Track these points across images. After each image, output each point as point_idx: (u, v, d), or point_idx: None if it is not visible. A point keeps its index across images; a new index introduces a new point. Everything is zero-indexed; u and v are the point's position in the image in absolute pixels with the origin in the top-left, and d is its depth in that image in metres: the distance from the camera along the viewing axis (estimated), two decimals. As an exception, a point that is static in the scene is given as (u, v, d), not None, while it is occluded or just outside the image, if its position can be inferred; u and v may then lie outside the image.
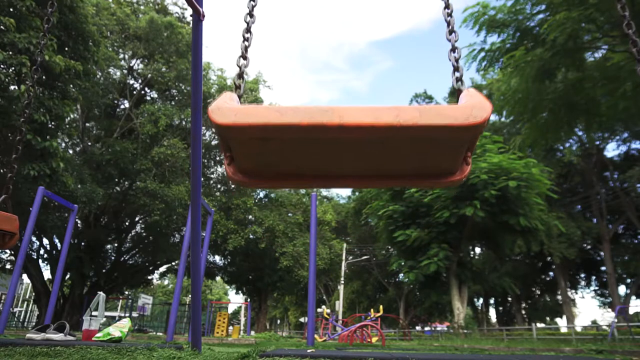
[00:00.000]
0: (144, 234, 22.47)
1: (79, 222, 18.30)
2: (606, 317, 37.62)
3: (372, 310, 14.30)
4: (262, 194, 26.09)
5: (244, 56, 1.25)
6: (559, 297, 30.63)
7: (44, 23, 2.49)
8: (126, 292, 28.40)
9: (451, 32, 1.26)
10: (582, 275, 31.93)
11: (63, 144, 17.25)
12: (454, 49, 1.20)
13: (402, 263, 19.39)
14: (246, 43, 1.30)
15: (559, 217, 20.50)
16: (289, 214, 24.70)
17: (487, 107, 0.79)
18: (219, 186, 23.74)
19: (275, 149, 0.84)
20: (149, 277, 28.08)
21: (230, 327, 17.28)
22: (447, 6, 1.33)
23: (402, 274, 26.71)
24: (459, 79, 1.11)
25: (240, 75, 1.20)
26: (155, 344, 3.01)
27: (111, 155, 17.18)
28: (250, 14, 1.37)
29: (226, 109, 0.79)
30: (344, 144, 0.82)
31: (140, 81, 20.08)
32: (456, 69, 1.15)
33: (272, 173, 0.94)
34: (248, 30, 1.33)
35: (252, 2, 1.38)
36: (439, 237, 16.59)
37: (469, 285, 18.58)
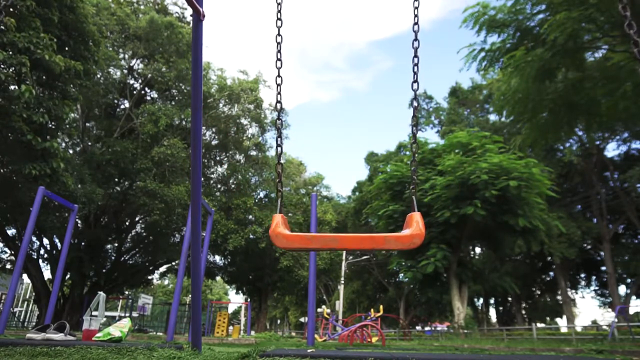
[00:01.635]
0: (144, 234, 22.47)
1: (79, 222, 18.30)
2: (606, 317, 37.59)
3: (372, 310, 14.30)
4: (262, 194, 26.12)
5: (279, 180, 1.88)
6: (559, 297, 30.62)
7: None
8: (126, 292, 28.40)
9: (413, 170, 1.75)
10: (582, 275, 31.91)
11: (63, 144, 17.25)
12: (413, 175, 1.76)
13: (402, 263, 19.40)
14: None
15: (559, 217, 20.49)
16: (289, 214, 24.71)
17: (422, 235, 1.45)
18: (219, 186, 23.75)
19: (304, 249, 1.57)
20: (149, 277, 28.08)
21: (231, 327, 17.29)
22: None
23: (402, 274, 26.71)
24: (414, 188, 1.71)
25: (280, 194, 1.81)
26: (155, 344, 3.01)
27: (111, 155, 17.18)
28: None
29: (281, 236, 1.51)
30: (343, 248, 1.52)
31: (140, 81, 20.08)
32: (413, 182, 1.73)
33: (301, 250, 1.87)
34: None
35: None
36: (439, 237, 16.59)
37: (469, 285, 18.59)
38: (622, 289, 28.12)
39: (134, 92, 19.85)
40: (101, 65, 14.50)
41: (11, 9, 9.87)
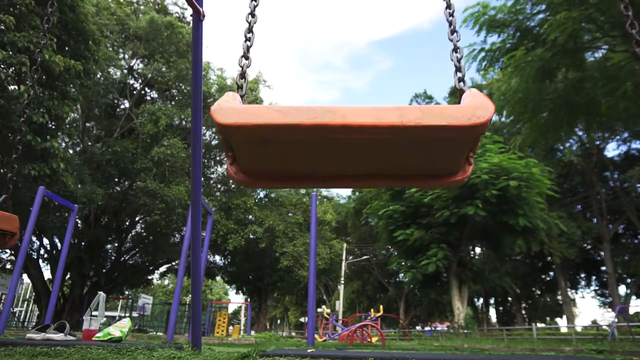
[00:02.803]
0: (144, 234, 22.47)
1: (79, 222, 18.30)
2: (606, 317, 37.62)
3: (372, 310, 14.30)
4: (262, 194, 26.09)
5: (245, 56, 1.25)
6: (559, 297, 30.61)
7: (44, 23, 2.48)
8: (126, 292, 28.40)
9: (453, 32, 1.26)
10: (582, 275, 31.91)
11: (63, 144, 17.24)
12: (456, 49, 1.21)
13: (402, 263, 19.39)
14: (248, 43, 1.29)
15: (559, 217, 20.49)
16: (289, 214, 24.70)
17: (490, 107, 0.80)
18: (219, 186, 23.74)
19: (277, 149, 0.84)
20: (149, 277, 28.07)
21: (231, 327, 17.28)
22: (448, 6, 1.32)
23: (402, 274, 26.71)
24: (461, 79, 1.12)
25: (242, 75, 1.19)
26: (155, 343, 3.01)
27: (111, 155, 17.17)
28: (252, 14, 1.37)
29: (229, 108, 0.79)
30: (347, 145, 0.82)
31: (140, 81, 20.08)
32: (458, 69, 1.16)
33: (274, 173, 0.94)
34: (250, 30, 1.33)
35: (253, 2, 1.38)
36: (439, 237, 16.59)
37: (469, 285, 18.58)
38: (622, 289, 28.14)
39: (134, 92, 19.84)
40: (101, 65, 14.50)
41: (11, 9, 9.87)
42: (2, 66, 9.56)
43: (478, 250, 28.18)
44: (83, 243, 18.85)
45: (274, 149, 0.84)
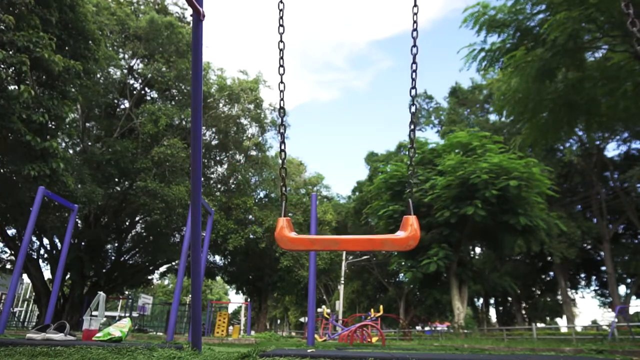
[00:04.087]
0: (144, 234, 22.47)
1: (79, 222, 18.30)
2: (606, 317, 37.61)
3: (372, 310, 14.30)
4: (262, 194, 26.11)
5: (283, 185, 1.93)
6: (559, 297, 30.61)
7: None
8: (126, 292, 28.40)
9: (411, 174, 1.85)
10: (582, 275, 31.91)
11: (63, 144, 17.25)
12: (411, 176, 1.89)
13: (402, 263, 19.38)
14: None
15: (559, 217, 20.50)
16: (289, 214, 24.69)
17: (417, 237, 1.56)
18: (219, 186, 23.75)
19: (307, 250, 1.66)
20: (149, 277, 28.08)
21: (231, 327, 17.29)
22: (410, 163, 1.77)
23: (402, 274, 26.71)
24: (411, 192, 1.77)
25: (283, 194, 1.89)
26: (155, 343, 3.01)
27: (111, 155, 17.17)
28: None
29: (285, 239, 1.59)
30: (344, 249, 1.65)
31: (140, 81, 20.08)
32: (409, 183, 1.87)
33: (304, 247, 1.67)
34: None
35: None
36: (440, 237, 16.59)
37: (469, 285, 18.59)
38: (622, 289, 28.14)
39: (134, 92, 19.85)
40: (101, 64, 14.51)
41: (10, 8, 9.87)
42: (2, 66, 9.56)
43: (478, 250, 28.20)
44: (83, 243, 18.86)
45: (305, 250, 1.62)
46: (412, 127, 1.62)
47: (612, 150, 68.36)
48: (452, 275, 17.62)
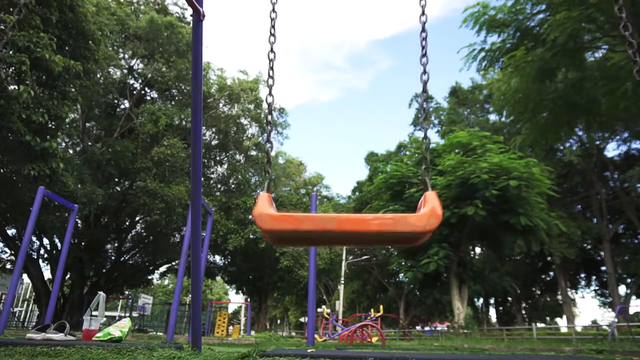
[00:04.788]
0: (144, 234, 22.47)
1: (79, 222, 18.30)
2: (606, 317, 37.62)
3: (372, 310, 14.29)
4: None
5: (269, 140, 1.53)
6: (559, 297, 30.60)
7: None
8: (126, 292, 28.40)
9: (425, 119, 1.50)
10: (582, 275, 31.90)
11: (63, 144, 17.24)
12: (427, 148, 1.49)
13: (402, 263, 19.38)
14: (269, 127, 1.56)
15: (559, 217, 20.49)
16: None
17: (439, 215, 1.19)
18: (219, 186, 23.74)
19: (298, 236, 1.23)
20: (149, 277, 28.08)
21: (231, 327, 17.29)
22: (426, 117, 1.53)
23: (402, 274, 26.70)
24: (427, 169, 1.41)
25: (269, 160, 1.48)
26: (155, 343, 3.01)
27: (111, 155, 17.17)
28: (270, 111, 1.57)
29: (266, 217, 1.19)
30: (343, 236, 1.20)
31: (140, 81, 20.08)
32: (425, 159, 1.44)
33: (295, 241, 1.35)
34: (268, 122, 1.58)
35: (270, 97, 1.57)
36: (440, 237, 16.59)
37: (469, 285, 18.59)
38: (622, 289, 28.13)
39: (134, 92, 19.85)
40: (101, 64, 14.51)
41: (11, 8, 9.87)
42: (2, 66, 9.56)
43: (478, 250, 28.19)
44: (83, 243, 18.85)
45: (294, 236, 1.23)
46: (425, 96, 1.53)
47: (612, 150, 68.38)
48: (452, 275, 17.62)
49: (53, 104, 10.69)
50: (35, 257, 18.73)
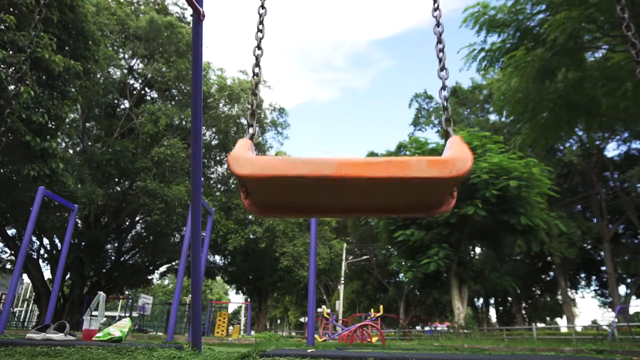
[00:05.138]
0: (144, 234, 22.47)
1: (79, 222, 18.30)
2: (606, 317, 37.60)
3: (372, 310, 14.29)
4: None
5: (254, 93, 1.32)
6: (559, 297, 30.61)
7: (35, 14, 2.46)
8: (126, 292, 28.40)
9: (442, 69, 1.26)
10: (582, 275, 31.92)
11: (63, 144, 17.24)
12: (444, 87, 1.24)
13: (402, 263, 19.38)
14: (256, 78, 1.34)
15: (559, 217, 20.50)
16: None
17: (469, 158, 0.92)
18: (219, 186, 23.75)
19: (285, 190, 0.96)
20: (149, 277, 28.08)
21: (231, 327, 17.28)
22: (439, 41, 1.31)
23: (402, 274, 26.71)
24: (448, 120, 1.17)
25: (253, 114, 1.23)
26: (155, 343, 3.01)
27: (111, 155, 17.17)
28: (259, 46, 1.38)
29: (244, 160, 0.90)
30: (345, 188, 0.92)
31: (140, 81, 20.08)
32: (445, 108, 1.20)
33: (283, 207, 1.06)
34: (257, 64, 1.36)
35: (259, 34, 1.37)
36: (440, 237, 16.60)
37: (469, 285, 18.60)
38: (622, 289, 28.14)
39: (134, 92, 19.85)
40: (101, 64, 14.50)
41: (11, 8, 9.87)
42: (2, 66, 9.56)
43: (478, 250, 28.20)
44: (83, 243, 18.85)
45: (282, 190, 0.96)
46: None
47: (612, 150, 68.42)
48: (452, 275, 17.63)
49: (53, 104, 10.69)
50: (35, 257, 18.73)
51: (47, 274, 19.72)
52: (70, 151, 17.84)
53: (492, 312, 38.39)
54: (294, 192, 0.96)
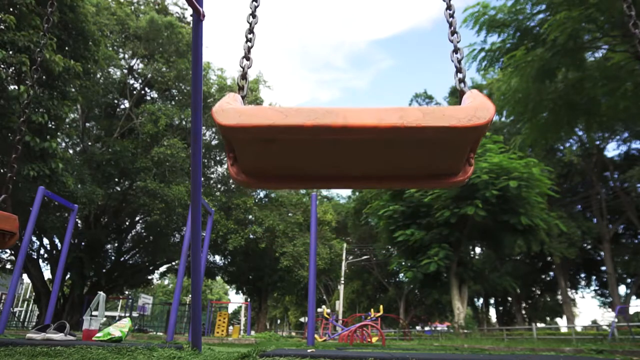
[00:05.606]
0: (144, 234, 22.47)
1: (79, 222, 18.30)
2: (606, 317, 37.61)
3: (372, 310, 14.29)
4: (262, 194, 26.09)
5: (246, 57, 1.24)
6: (559, 297, 30.62)
7: (44, 22, 2.47)
8: (126, 292, 28.40)
9: (454, 32, 1.25)
10: (583, 275, 31.92)
11: (63, 144, 17.24)
12: (456, 50, 1.20)
13: (402, 263, 19.38)
14: (249, 44, 1.29)
15: (559, 217, 20.49)
16: (289, 214, 24.70)
17: (490, 107, 0.80)
18: (219, 186, 23.74)
19: (279, 150, 0.84)
20: (149, 277, 28.08)
21: (231, 327, 17.28)
22: (449, 7, 1.31)
23: (402, 274, 26.70)
24: (462, 80, 1.12)
25: (244, 76, 1.17)
26: (155, 343, 3.01)
27: (111, 155, 17.18)
28: (253, 15, 1.36)
29: (230, 109, 0.79)
30: (347, 145, 0.82)
31: (140, 81, 20.08)
32: (459, 70, 1.15)
33: (276, 174, 0.94)
34: (251, 30, 1.31)
35: (254, 3, 1.37)
36: (440, 237, 16.59)
37: (469, 285, 18.60)
38: (622, 289, 28.15)
39: (134, 92, 19.85)
40: (101, 64, 14.51)
41: (11, 8, 9.87)
42: (2, 66, 9.56)
43: (478, 250, 28.20)
44: (83, 243, 18.85)
45: (275, 149, 0.84)
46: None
47: (612, 150, 68.45)
48: (452, 275, 17.63)
49: (53, 104, 10.69)
50: (35, 257, 18.73)
51: (47, 274, 19.73)
52: (70, 151, 17.84)
53: (492, 312, 38.42)
54: (288, 152, 0.86)
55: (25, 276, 20.85)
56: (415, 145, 0.83)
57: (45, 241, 18.95)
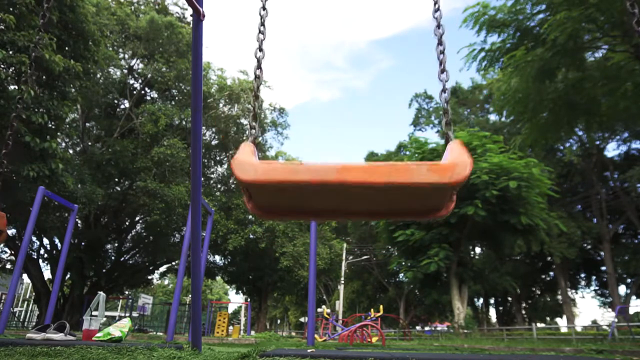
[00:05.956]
0: (144, 234, 22.47)
1: (79, 222, 18.30)
2: (606, 317, 37.62)
3: (372, 310, 14.29)
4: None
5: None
6: (559, 297, 30.62)
7: (39, 18, 2.47)
8: (126, 292, 28.40)
9: (443, 71, 1.27)
10: (583, 275, 31.92)
11: (63, 144, 17.24)
12: (444, 90, 1.24)
13: (403, 263, 19.38)
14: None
15: (559, 217, 20.49)
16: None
17: (468, 164, 0.92)
18: (219, 186, 23.75)
19: (289, 195, 0.98)
20: (149, 277, 28.09)
21: (231, 327, 17.28)
22: (440, 42, 1.30)
23: (402, 274, 26.71)
24: (448, 123, 1.18)
25: (255, 117, 1.25)
26: (155, 343, 3.01)
27: (111, 155, 17.18)
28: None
29: (247, 165, 0.92)
30: (347, 192, 0.95)
31: (140, 81, 20.08)
32: (445, 112, 1.20)
33: (286, 210, 1.08)
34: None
35: (261, 35, 1.37)
36: (440, 237, 16.59)
37: (469, 285, 18.59)
38: (622, 289, 28.15)
39: (134, 92, 19.85)
40: (101, 64, 14.51)
41: (11, 8, 9.87)
42: (2, 66, 9.56)
43: (478, 250, 28.20)
44: (83, 243, 18.85)
45: (286, 195, 0.98)
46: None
47: (612, 150, 68.42)
48: (452, 275, 17.62)
49: (53, 104, 10.69)
50: (35, 257, 18.73)
51: (47, 274, 19.73)
52: (70, 151, 17.83)
53: (492, 312, 38.41)
54: (296, 196, 0.99)
55: (25, 276, 20.86)
56: (404, 194, 0.96)
57: (45, 241, 18.97)
